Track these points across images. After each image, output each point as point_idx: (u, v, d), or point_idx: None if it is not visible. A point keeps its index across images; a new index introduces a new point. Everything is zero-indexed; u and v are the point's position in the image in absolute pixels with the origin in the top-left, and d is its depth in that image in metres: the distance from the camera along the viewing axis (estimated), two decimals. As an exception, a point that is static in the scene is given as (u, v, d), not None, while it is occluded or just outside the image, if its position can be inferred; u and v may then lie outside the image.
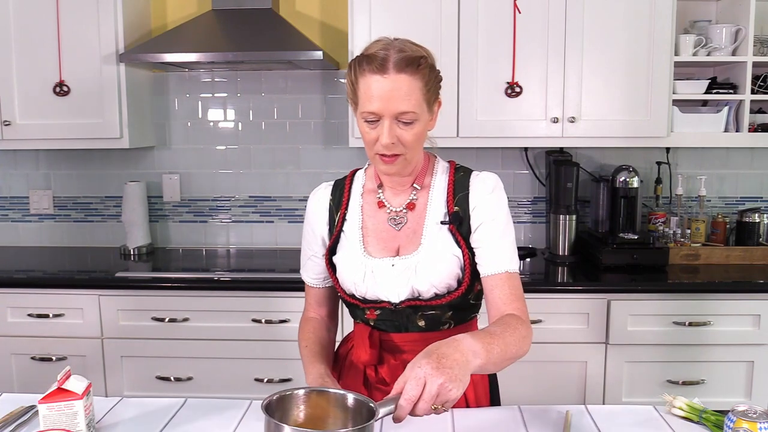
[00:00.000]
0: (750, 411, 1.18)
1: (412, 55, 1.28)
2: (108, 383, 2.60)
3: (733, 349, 2.48)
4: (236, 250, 3.16)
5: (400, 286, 1.39)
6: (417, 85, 1.28)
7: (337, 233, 1.46)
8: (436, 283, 1.37)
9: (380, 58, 1.27)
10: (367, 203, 1.46)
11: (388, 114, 1.28)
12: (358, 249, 1.42)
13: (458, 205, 1.40)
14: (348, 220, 1.46)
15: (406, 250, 1.41)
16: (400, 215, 1.43)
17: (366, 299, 1.42)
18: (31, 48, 2.73)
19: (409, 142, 1.31)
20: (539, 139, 2.69)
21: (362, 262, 1.41)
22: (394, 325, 1.43)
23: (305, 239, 1.54)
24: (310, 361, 1.42)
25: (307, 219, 1.52)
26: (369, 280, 1.40)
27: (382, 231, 1.43)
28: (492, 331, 1.24)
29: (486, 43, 2.63)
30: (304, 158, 3.10)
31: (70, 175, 3.18)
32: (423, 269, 1.37)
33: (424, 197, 1.43)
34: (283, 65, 2.94)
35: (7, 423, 1.34)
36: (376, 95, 1.27)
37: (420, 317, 1.42)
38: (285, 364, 2.56)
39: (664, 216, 2.93)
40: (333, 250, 1.46)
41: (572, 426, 1.34)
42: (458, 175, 1.44)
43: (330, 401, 1.16)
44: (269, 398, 1.11)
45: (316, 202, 1.51)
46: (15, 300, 2.59)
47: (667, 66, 2.61)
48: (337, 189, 1.50)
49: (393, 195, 1.45)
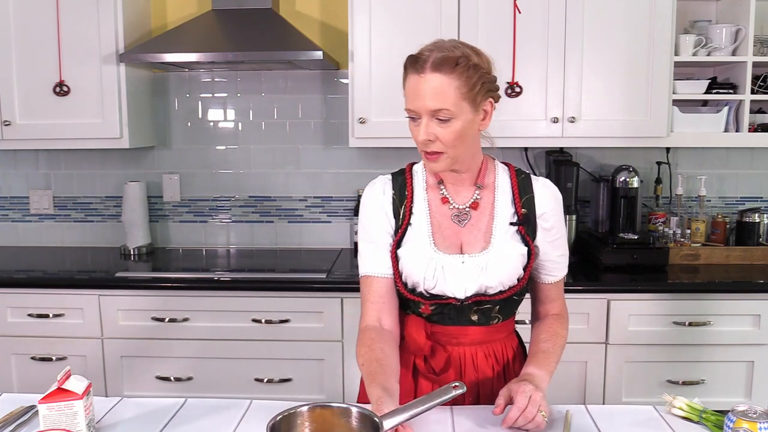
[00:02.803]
0: (750, 411, 1.18)
1: (449, 55, 1.33)
2: (108, 383, 2.60)
3: (733, 349, 2.48)
4: (236, 250, 3.16)
5: (469, 282, 1.42)
6: (453, 84, 1.32)
7: (405, 226, 1.46)
8: (504, 281, 1.43)
9: (422, 59, 1.33)
10: (431, 198, 1.48)
11: (424, 111, 1.33)
12: (427, 244, 1.44)
13: (525, 206, 1.46)
14: (415, 214, 1.47)
15: (472, 247, 1.44)
16: (463, 212, 1.46)
17: (431, 294, 1.44)
18: (31, 48, 2.73)
19: (448, 141, 1.35)
20: (539, 139, 2.69)
21: (432, 258, 1.43)
22: (449, 318, 1.46)
23: (369, 231, 1.49)
24: (368, 383, 1.33)
25: (370, 210, 1.49)
26: (438, 275, 1.42)
27: (447, 227, 1.46)
28: (549, 351, 1.48)
29: (486, 43, 2.62)
30: (304, 158, 3.10)
31: (70, 175, 3.18)
32: (493, 267, 1.42)
33: (488, 197, 1.47)
34: (283, 65, 2.94)
35: (7, 423, 1.34)
36: (414, 94, 1.34)
37: (475, 312, 1.46)
38: (285, 364, 2.56)
39: (664, 216, 2.93)
40: (399, 243, 1.46)
41: (572, 426, 1.34)
42: (520, 177, 1.50)
43: (335, 416, 1.16)
44: (273, 419, 1.11)
45: (380, 193, 1.49)
46: (15, 300, 2.59)
47: (667, 66, 2.61)
48: (397, 182, 1.50)
49: (455, 192, 1.48)
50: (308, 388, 2.56)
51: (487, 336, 1.48)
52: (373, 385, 1.29)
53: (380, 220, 1.48)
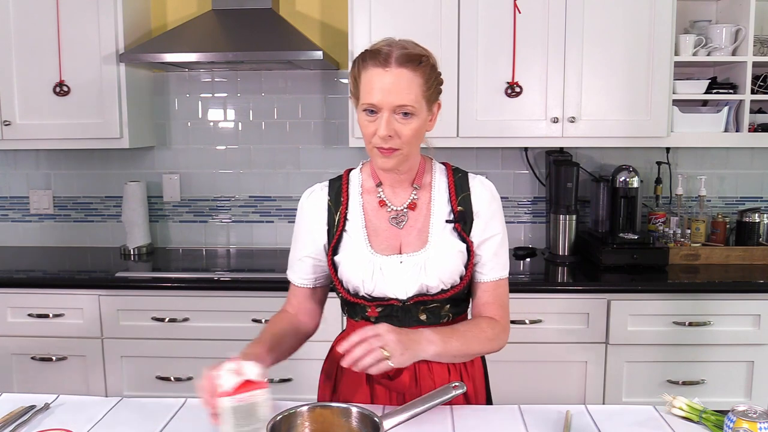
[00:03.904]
0: (750, 411, 1.18)
1: (413, 52, 1.34)
2: (108, 383, 2.60)
3: (733, 349, 2.48)
4: (236, 250, 3.16)
5: (409, 283, 1.42)
6: (417, 81, 1.33)
7: (339, 232, 1.47)
8: (445, 279, 1.42)
9: (383, 53, 1.32)
10: (367, 202, 1.48)
11: (387, 106, 1.32)
12: (364, 247, 1.44)
13: (461, 204, 1.46)
14: (350, 219, 1.47)
15: (411, 247, 1.44)
16: (401, 214, 1.46)
17: (372, 297, 1.44)
18: (31, 48, 2.73)
19: (406, 137, 1.34)
20: (539, 139, 2.69)
21: (370, 260, 1.43)
22: (397, 320, 1.44)
23: (297, 240, 1.54)
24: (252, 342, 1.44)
25: (302, 220, 1.52)
26: (377, 277, 1.42)
27: (385, 229, 1.46)
28: (456, 328, 1.40)
29: (486, 43, 2.63)
30: (304, 158, 3.10)
31: (70, 175, 3.18)
32: (432, 266, 1.42)
33: (425, 197, 1.47)
34: (283, 65, 2.94)
35: (7, 423, 1.34)
36: (377, 87, 1.32)
37: (422, 311, 1.45)
38: (285, 364, 2.54)
39: (664, 216, 2.93)
40: (335, 250, 1.46)
41: (572, 426, 1.34)
42: (457, 176, 1.50)
43: (335, 416, 1.16)
44: (273, 419, 1.11)
45: (314, 202, 1.51)
46: (15, 300, 2.59)
47: (667, 66, 2.61)
48: (333, 189, 1.51)
49: (393, 194, 1.48)
50: (308, 388, 2.55)
51: None
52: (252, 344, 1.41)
53: (311, 230, 1.50)
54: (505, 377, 2.34)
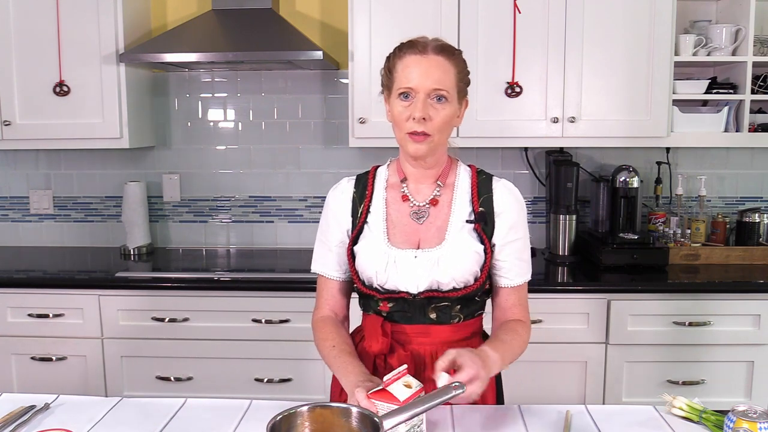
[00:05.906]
0: (750, 411, 1.18)
1: (448, 44, 1.43)
2: (108, 383, 2.60)
3: (733, 349, 2.48)
4: (236, 250, 3.16)
5: (421, 277, 1.44)
6: (452, 70, 1.40)
7: (361, 224, 1.50)
8: (457, 277, 1.44)
9: (421, 43, 1.41)
10: (390, 196, 1.52)
11: (423, 89, 1.38)
12: (381, 239, 1.47)
13: (483, 205, 1.48)
14: (372, 212, 1.51)
15: (428, 243, 1.46)
16: (422, 210, 1.49)
17: (385, 289, 1.46)
18: (31, 48, 2.73)
19: (438, 122, 1.39)
20: (539, 139, 2.69)
21: (385, 252, 1.45)
22: (407, 317, 1.47)
23: (325, 232, 1.57)
24: (347, 361, 1.41)
25: (330, 212, 1.56)
26: (391, 269, 1.44)
27: (405, 224, 1.49)
28: (504, 340, 1.42)
29: (486, 43, 2.63)
30: (304, 158, 3.10)
31: (70, 175, 3.18)
32: (446, 263, 1.43)
33: (447, 195, 1.50)
34: (283, 65, 2.94)
35: (7, 423, 1.34)
36: (415, 72, 1.39)
37: (432, 309, 1.46)
38: (285, 364, 2.56)
39: (664, 216, 2.93)
40: (355, 240, 1.50)
41: (572, 426, 1.34)
42: (481, 178, 1.53)
43: (335, 416, 1.16)
44: (273, 419, 1.11)
45: (339, 194, 1.55)
46: (15, 300, 2.59)
47: (667, 66, 2.61)
48: (359, 183, 1.55)
49: (416, 190, 1.51)
50: (308, 388, 2.56)
51: (449, 336, 1.47)
52: (355, 363, 1.39)
53: (339, 221, 1.53)
54: (505, 377, 2.33)
